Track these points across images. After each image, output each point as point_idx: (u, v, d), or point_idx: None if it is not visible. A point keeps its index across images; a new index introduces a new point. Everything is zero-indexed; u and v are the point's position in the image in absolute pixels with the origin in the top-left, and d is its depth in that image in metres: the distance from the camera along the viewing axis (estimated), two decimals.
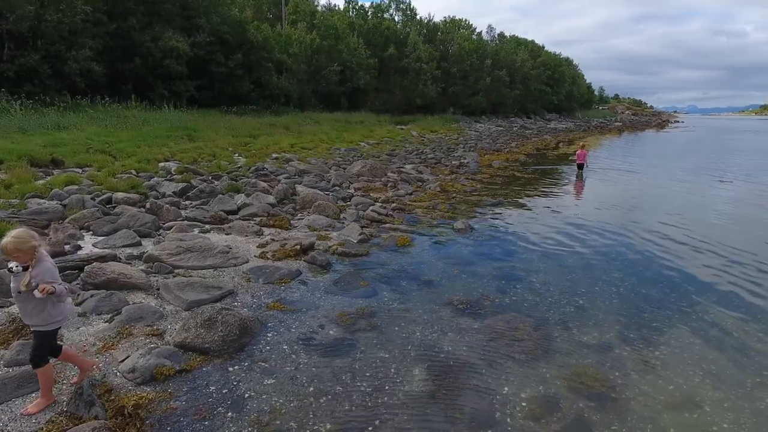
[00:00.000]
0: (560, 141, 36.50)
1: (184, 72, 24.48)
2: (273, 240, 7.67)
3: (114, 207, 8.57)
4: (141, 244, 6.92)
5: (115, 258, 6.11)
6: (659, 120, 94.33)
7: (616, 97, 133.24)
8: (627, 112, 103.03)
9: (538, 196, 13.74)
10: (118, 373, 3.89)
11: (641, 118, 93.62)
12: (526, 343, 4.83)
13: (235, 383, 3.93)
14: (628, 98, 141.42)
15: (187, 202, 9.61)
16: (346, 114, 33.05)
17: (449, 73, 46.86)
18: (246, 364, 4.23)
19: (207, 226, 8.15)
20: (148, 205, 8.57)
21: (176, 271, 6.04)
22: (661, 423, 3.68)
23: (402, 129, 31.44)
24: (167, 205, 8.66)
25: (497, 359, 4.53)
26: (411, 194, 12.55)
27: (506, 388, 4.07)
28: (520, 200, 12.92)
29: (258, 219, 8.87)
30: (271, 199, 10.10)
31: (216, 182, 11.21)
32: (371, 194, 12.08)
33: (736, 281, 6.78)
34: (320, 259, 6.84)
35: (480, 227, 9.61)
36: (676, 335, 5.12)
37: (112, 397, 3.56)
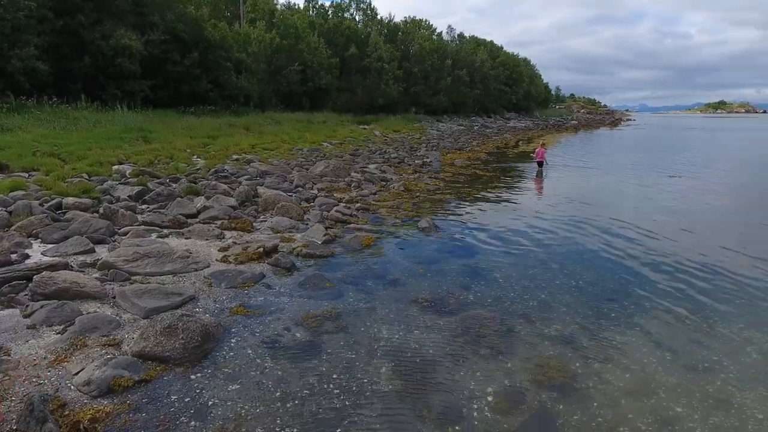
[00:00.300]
0: (520, 139, 37.39)
1: (137, 71, 23.60)
2: (235, 243, 7.51)
3: (64, 213, 8.17)
4: (95, 251, 6.63)
5: (66, 266, 5.83)
6: (613, 118, 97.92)
7: (572, 96, 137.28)
8: (582, 111, 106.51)
9: (500, 193, 14.02)
10: (72, 387, 3.71)
11: (596, 116, 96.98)
12: (491, 338, 4.92)
13: (198, 391, 3.82)
14: (584, 97, 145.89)
15: (144, 206, 9.28)
16: (308, 114, 32.72)
17: (411, 73, 47.16)
18: (209, 371, 4.12)
19: (165, 231, 7.90)
20: (101, 210, 8.22)
21: (133, 278, 5.82)
22: (621, 410, 3.82)
23: (365, 129, 31.42)
24: (122, 210, 8.34)
25: (463, 355, 4.59)
26: (375, 194, 12.56)
27: (473, 383, 4.12)
28: (483, 198, 13.16)
29: (219, 222, 8.66)
30: (233, 201, 9.89)
31: (174, 185, 10.87)
32: (335, 195, 12.01)
33: (685, 272, 7.12)
34: (284, 262, 6.75)
35: (444, 226, 9.72)
36: (632, 325, 5.32)
37: (66, 412, 3.39)
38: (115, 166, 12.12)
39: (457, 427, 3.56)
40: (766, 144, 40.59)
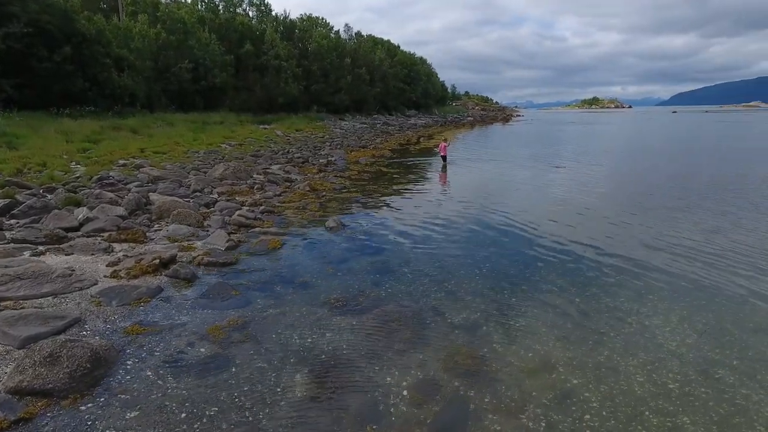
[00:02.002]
0: (421, 136, 38.61)
1: None
2: (126, 256, 6.89)
3: None
4: None
5: None
6: (504, 114, 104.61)
7: (467, 94, 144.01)
8: (477, 107, 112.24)
9: (405, 189, 14.35)
10: None
11: (489, 113, 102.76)
12: (404, 333, 5.00)
13: (89, 423, 3.44)
14: (477, 95, 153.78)
15: (13, 222, 8.17)
16: (203, 114, 30.94)
17: (310, 71, 46.57)
18: (102, 399, 3.73)
19: (41, 248, 7.03)
20: None
21: (2, 303, 5.09)
22: (525, 388, 4.08)
23: (266, 129, 30.47)
24: None
25: (377, 352, 4.61)
26: (280, 195, 12.23)
27: (388, 379, 4.16)
28: (389, 195, 13.37)
29: (106, 234, 7.89)
30: (121, 210, 9.06)
31: (49, 196, 9.71)
32: (237, 198, 11.51)
33: (573, 256, 7.80)
34: (184, 272, 6.32)
35: (352, 224, 9.72)
36: (531, 307, 5.71)
37: None
38: None
39: (374, 426, 3.57)
40: (630, 135, 45.86)
